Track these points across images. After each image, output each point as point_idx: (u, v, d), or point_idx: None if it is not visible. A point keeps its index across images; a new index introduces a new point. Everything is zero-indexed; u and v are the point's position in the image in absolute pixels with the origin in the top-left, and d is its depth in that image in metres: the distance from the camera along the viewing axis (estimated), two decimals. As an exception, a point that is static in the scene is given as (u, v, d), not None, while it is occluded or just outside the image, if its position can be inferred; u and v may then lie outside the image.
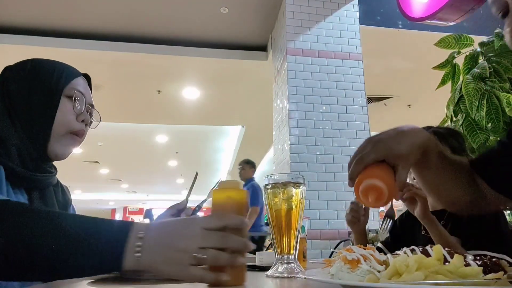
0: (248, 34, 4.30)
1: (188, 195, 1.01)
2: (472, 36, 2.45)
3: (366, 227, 1.39)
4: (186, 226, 0.56)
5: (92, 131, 0.97)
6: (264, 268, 0.95)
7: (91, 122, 0.97)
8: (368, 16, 3.68)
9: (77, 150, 9.50)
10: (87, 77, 0.98)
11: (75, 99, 0.88)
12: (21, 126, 0.82)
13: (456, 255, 0.46)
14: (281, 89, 3.45)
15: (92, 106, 0.96)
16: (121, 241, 0.53)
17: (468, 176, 0.71)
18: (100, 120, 0.98)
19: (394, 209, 1.22)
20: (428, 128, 1.32)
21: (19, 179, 0.81)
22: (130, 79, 5.00)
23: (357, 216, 1.31)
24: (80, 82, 0.92)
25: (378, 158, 0.62)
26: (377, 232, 2.43)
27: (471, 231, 1.13)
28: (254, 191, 4.72)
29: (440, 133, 1.26)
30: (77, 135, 0.90)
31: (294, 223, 0.79)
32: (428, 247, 0.49)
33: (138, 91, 5.36)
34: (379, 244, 1.41)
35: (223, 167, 10.85)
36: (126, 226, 0.55)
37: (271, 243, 1.09)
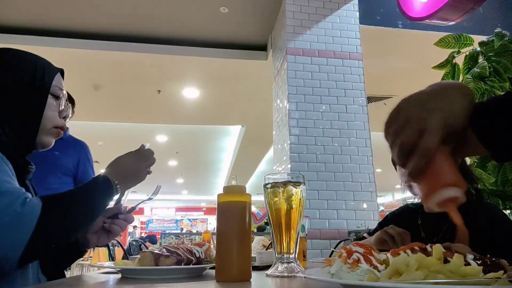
0: (248, 34, 4.30)
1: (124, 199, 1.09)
2: (472, 36, 2.45)
3: (366, 227, 1.37)
4: (137, 166, 1.04)
5: (92, 131, 1.01)
6: (264, 267, 0.95)
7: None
8: (368, 16, 3.68)
9: (77, 150, 9.29)
10: (61, 71, 1.01)
11: (59, 97, 0.94)
12: (8, 121, 0.85)
13: (456, 255, 0.46)
14: (281, 89, 3.45)
15: (66, 100, 1.00)
16: (109, 188, 0.92)
17: None
18: (73, 112, 1.03)
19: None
20: None
21: (17, 170, 0.85)
22: (130, 79, 5.00)
23: (392, 242, 1.11)
24: (59, 78, 0.96)
25: (440, 142, 0.51)
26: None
27: (479, 238, 1.10)
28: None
29: None
30: (61, 129, 0.97)
31: (294, 222, 0.79)
32: (427, 246, 0.49)
33: (138, 91, 5.36)
34: (365, 235, 1.38)
35: (223, 167, 10.85)
36: (107, 181, 0.92)
37: (271, 242, 1.09)
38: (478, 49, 2.37)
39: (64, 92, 0.97)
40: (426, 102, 0.54)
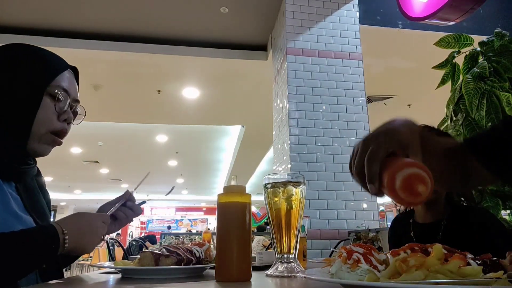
0: (248, 34, 4.30)
1: (135, 188, 1.06)
2: (472, 36, 2.45)
3: (366, 227, 1.36)
4: (91, 222, 0.85)
5: (92, 131, 0.97)
6: (264, 267, 0.95)
7: (76, 115, 0.95)
8: (368, 15, 3.67)
9: (77, 150, 9.47)
10: (74, 70, 0.94)
11: (57, 99, 0.84)
12: (1, 124, 0.79)
13: (456, 255, 0.46)
14: (281, 89, 3.45)
15: (77, 101, 0.92)
16: (55, 240, 0.75)
17: (458, 156, 0.68)
18: (85, 115, 0.96)
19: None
20: None
21: (7, 173, 0.81)
22: (130, 79, 5.00)
23: None
24: (65, 77, 0.87)
25: (389, 150, 0.54)
26: (377, 232, 2.42)
27: (471, 242, 1.09)
28: None
29: None
30: (58, 135, 0.87)
31: (294, 222, 0.79)
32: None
33: (138, 91, 5.36)
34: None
35: (223, 167, 10.85)
36: (54, 230, 0.75)
37: (271, 242, 1.09)
38: (478, 49, 2.37)
39: (72, 92, 0.89)
40: (378, 133, 0.59)
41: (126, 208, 1.01)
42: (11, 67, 0.81)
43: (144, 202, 1.10)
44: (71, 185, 13.93)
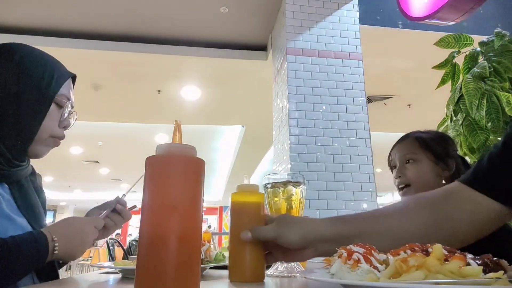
0: (248, 34, 4.30)
1: (127, 192, 1.04)
2: (472, 36, 2.45)
3: None
4: (82, 228, 0.85)
5: (92, 131, 0.97)
6: (264, 268, 0.95)
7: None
8: (368, 15, 3.68)
9: (77, 150, 9.44)
10: (73, 77, 0.95)
11: (61, 107, 0.87)
12: (4, 125, 0.79)
13: (456, 255, 0.46)
14: (281, 89, 3.45)
15: (73, 107, 0.94)
16: (45, 248, 0.74)
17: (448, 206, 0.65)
18: (76, 119, 0.96)
19: None
20: (414, 133, 1.29)
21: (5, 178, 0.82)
22: (130, 79, 4.99)
23: None
24: (68, 85, 0.90)
25: None
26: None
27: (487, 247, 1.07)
28: None
29: (423, 139, 1.24)
30: (58, 138, 0.90)
31: (294, 222, 0.79)
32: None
33: (138, 91, 5.36)
34: None
35: (223, 167, 10.85)
36: (44, 237, 0.75)
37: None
38: (478, 49, 2.38)
39: (72, 99, 0.92)
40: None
41: (115, 214, 0.98)
42: (19, 71, 0.81)
43: (135, 206, 1.05)
44: (71, 185, 13.93)
